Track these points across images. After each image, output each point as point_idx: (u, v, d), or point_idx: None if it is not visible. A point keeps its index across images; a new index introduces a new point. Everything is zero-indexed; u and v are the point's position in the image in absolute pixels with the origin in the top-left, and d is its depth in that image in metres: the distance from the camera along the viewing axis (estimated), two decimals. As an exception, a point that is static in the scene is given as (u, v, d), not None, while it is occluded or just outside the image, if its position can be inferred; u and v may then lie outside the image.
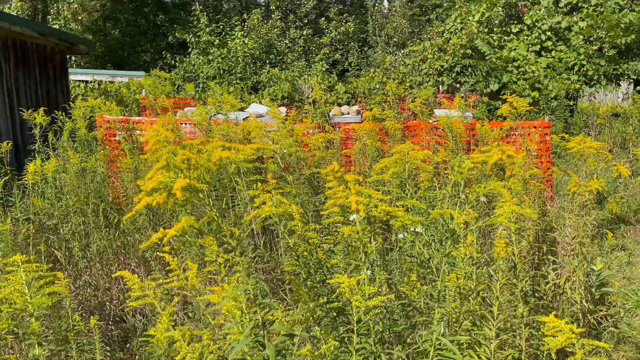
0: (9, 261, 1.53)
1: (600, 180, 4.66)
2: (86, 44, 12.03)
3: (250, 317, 1.31)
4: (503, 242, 1.52)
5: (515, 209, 1.61)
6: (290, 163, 2.90)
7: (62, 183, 5.19)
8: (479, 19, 10.63)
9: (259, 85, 16.94)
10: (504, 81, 9.79)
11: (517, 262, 1.66)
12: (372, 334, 1.45)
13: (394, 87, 7.78)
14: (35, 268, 1.53)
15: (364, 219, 1.41)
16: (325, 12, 22.85)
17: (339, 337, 1.51)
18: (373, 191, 1.42)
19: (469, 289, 1.71)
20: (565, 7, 10.74)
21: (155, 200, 1.09)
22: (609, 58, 9.85)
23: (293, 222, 1.58)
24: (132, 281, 1.44)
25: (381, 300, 1.37)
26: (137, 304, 1.43)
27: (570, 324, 1.69)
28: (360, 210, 1.37)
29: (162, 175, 1.12)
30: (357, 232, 1.42)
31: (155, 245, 4.49)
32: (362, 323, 1.41)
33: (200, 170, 1.15)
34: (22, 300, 1.49)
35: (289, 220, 1.60)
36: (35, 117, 5.77)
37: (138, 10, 22.85)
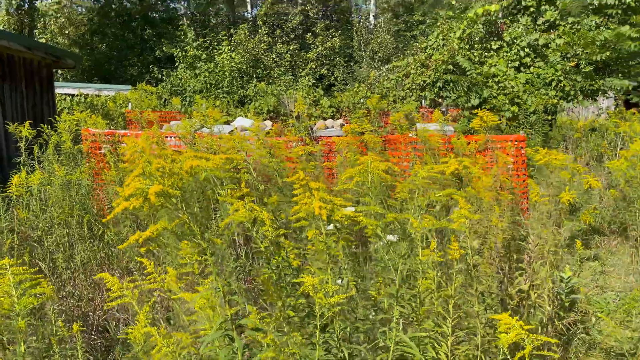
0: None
1: (572, 192, 4.84)
2: (73, 57, 12.11)
3: (220, 313, 1.42)
4: (456, 245, 1.65)
5: (468, 215, 1.74)
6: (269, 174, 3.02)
7: (47, 195, 5.25)
8: (460, 35, 10.91)
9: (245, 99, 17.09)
10: (485, 96, 10.03)
11: (471, 264, 1.80)
12: (336, 330, 1.57)
13: (375, 102, 7.97)
14: (22, 271, 1.63)
15: (327, 223, 1.53)
16: (311, 27, 23.18)
17: (306, 333, 1.63)
18: (336, 198, 1.55)
19: (429, 290, 1.84)
20: (543, 25, 11.07)
21: (132, 205, 1.21)
22: (585, 74, 10.17)
23: (264, 227, 1.70)
24: (111, 282, 1.54)
25: (343, 297, 1.50)
26: (115, 303, 1.53)
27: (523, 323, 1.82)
28: (323, 215, 1.50)
29: (139, 182, 1.24)
30: (321, 234, 1.55)
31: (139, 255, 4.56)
32: (325, 319, 1.53)
33: (174, 178, 1.27)
34: (10, 302, 1.59)
35: (262, 226, 1.72)
36: (21, 130, 5.84)
37: (126, 25, 22.97)
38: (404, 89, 11.41)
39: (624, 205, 5.99)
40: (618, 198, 6.21)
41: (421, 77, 11.10)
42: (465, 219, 1.74)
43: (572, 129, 10.12)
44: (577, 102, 10.11)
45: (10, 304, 1.59)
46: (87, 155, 6.39)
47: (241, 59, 18.89)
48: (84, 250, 4.56)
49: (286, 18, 22.83)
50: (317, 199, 1.51)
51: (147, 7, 24.08)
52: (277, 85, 17.47)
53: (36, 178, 4.91)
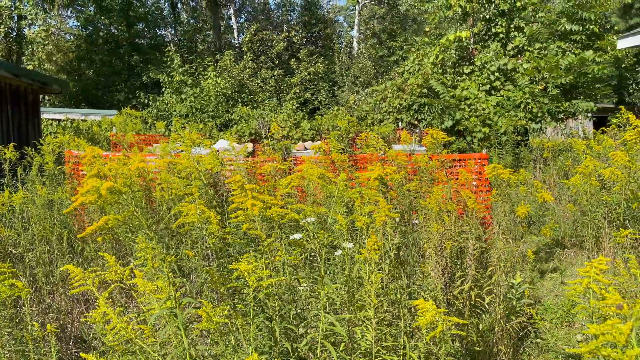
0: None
1: (527, 206, 5.17)
2: (59, 83, 12.39)
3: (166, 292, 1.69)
4: (375, 238, 1.94)
5: (389, 214, 2.03)
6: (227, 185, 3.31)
7: (29, 214, 5.46)
8: (433, 60, 11.40)
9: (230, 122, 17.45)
10: (457, 118, 10.46)
11: (393, 258, 2.08)
12: (269, 310, 1.84)
13: (345, 123, 8.33)
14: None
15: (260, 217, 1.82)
16: (295, 53, 23.76)
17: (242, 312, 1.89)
18: (267, 197, 1.83)
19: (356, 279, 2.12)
20: (512, 50, 11.61)
21: (87, 199, 1.48)
22: (552, 97, 10.65)
23: (211, 226, 1.97)
24: (74, 272, 1.80)
25: (273, 281, 1.77)
26: (77, 291, 1.78)
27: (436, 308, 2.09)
28: (255, 210, 1.78)
29: (95, 181, 1.52)
30: (256, 228, 1.83)
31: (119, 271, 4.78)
32: (258, 300, 1.79)
33: (123, 178, 1.55)
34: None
35: (209, 225, 2.00)
36: (5, 153, 6.07)
37: (113, 51, 23.39)
38: (382, 112, 11.83)
39: (583, 219, 6.32)
40: (577, 212, 6.55)
41: (398, 100, 11.54)
42: (386, 217, 2.03)
43: (541, 149, 10.53)
44: (545, 123, 10.56)
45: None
46: (70, 176, 6.61)
47: (226, 84, 19.33)
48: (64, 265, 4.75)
49: (271, 44, 23.39)
50: (249, 198, 1.80)
51: (135, 34, 24.56)
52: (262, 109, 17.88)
53: (19, 197, 5.12)
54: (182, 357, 1.64)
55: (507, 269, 4.47)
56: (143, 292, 1.75)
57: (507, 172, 4.27)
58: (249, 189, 1.81)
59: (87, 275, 1.79)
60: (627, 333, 0.98)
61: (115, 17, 23.58)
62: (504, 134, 10.19)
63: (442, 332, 2.02)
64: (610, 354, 0.99)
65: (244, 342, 1.77)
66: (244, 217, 1.86)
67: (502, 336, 3.95)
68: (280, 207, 1.89)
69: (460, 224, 4.19)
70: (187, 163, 2.05)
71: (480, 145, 10.22)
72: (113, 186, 1.45)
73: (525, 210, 5.30)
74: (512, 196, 6.49)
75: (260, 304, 1.85)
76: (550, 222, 6.64)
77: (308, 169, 2.10)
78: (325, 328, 1.92)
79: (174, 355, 1.64)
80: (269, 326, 1.88)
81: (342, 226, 1.99)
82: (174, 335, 1.72)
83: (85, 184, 1.50)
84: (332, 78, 22.05)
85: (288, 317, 1.98)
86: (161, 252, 1.63)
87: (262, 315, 1.86)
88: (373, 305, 2.01)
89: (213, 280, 1.89)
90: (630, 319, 1.03)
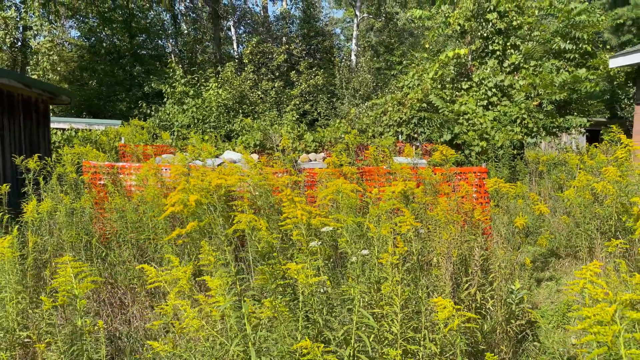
0: (59, 260, 2.20)
1: (525, 217, 5.54)
2: (68, 94, 12.69)
3: (231, 289, 2.02)
4: (401, 244, 2.27)
5: (412, 223, 2.37)
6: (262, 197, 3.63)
7: (54, 221, 5.76)
8: (432, 76, 11.81)
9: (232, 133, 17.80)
10: (456, 132, 10.85)
11: (415, 260, 2.41)
12: (314, 304, 2.17)
13: (352, 137, 8.69)
14: (78, 265, 2.19)
15: (305, 226, 2.15)
16: (295, 65, 24.20)
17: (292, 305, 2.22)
18: (312, 208, 2.17)
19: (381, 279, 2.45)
20: (509, 67, 12.04)
21: (176, 209, 1.81)
22: (546, 112, 11.07)
23: (260, 232, 2.31)
24: (149, 271, 2.12)
25: (317, 280, 2.10)
26: (152, 285, 2.10)
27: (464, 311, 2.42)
28: (303, 219, 2.11)
29: (180, 194, 1.85)
30: (302, 234, 2.16)
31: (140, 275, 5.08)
32: (307, 295, 2.12)
33: (203, 192, 1.89)
34: (70, 287, 2.14)
35: (259, 231, 2.33)
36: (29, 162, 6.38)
37: (115, 62, 23.73)
38: (382, 125, 12.21)
39: (577, 230, 6.68)
40: (571, 224, 6.91)
41: (398, 114, 11.92)
42: (410, 225, 2.37)
43: (537, 163, 10.93)
44: (540, 137, 10.97)
45: (71, 287, 2.14)
46: (88, 186, 6.91)
47: (228, 95, 19.70)
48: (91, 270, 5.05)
49: (271, 57, 23.81)
50: (299, 208, 2.13)
51: (136, 44, 24.93)
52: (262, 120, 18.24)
53: (46, 206, 5.42)
54: (245, 342, 1.96)
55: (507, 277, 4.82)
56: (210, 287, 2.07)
57: (507, 186, 4.62)
58: (298, 201, 2.14)
59: (159, 273, 2.11)
60: (612, 313, 1.31)
61: (118, 28, 23.95)
62: (500, 147, 10.58)
63: (458, 326, 2.35)
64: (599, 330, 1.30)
65: (294, 331, 2.09)
66: (292, 225, 2.19)
67: (502, 337, 4.28)
68: (323, 216, 2.22)
69: (464, 233, 4.54)
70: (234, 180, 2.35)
71: (477, 159, 10.60)
72: (198, 198, 1.79)
73: (524, 222, 5.67)
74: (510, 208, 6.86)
75: (305, 299, 2.17)
76: (546, 233, 6.99)
77: (342, 184, 2.43)
78: (358, 320, 2.25)
79: (239, 339, 1.96)
80: (311, 318, 2.20)
81: (373, 233, 2.33)
82: (237, 324, 2.05)
83: (172, 196, 1.83)
84: (332, 90, 22.47)
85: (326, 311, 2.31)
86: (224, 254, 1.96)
87: (306, 309, 2.18)
88: (399, 301, 2.33)
89: (264, 279, 2.21)
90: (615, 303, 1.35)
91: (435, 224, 4.28)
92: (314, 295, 2.16)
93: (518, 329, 4.52)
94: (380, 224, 2.39)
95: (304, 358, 1.87)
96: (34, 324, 3.44)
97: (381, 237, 2.45)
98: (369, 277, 2.52)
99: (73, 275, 2.16)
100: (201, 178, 1.88)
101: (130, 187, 6.46)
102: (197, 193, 1.83)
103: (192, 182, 1.81)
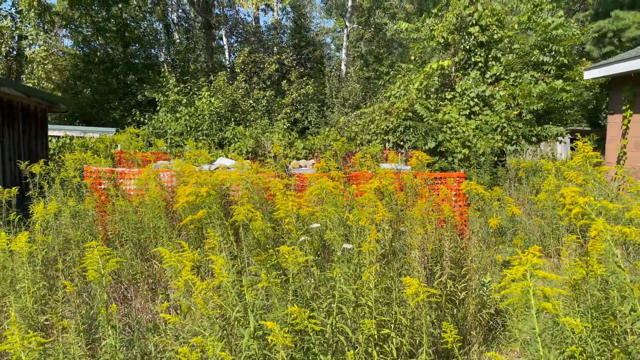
0: (87, 245, 2.63)
1: (499, 218, 6.02)
2: (65, 103, 13.06)
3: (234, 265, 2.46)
4: (375, 231, 2.72)
5: (385, 214, 2.82)
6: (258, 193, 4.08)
7: (59, 222, 6.15)
8: (418, 86, 12.34)
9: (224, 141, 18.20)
10: (440, 140, 11.36)
11: (387, 246, 2.86)
12: (302, 281, 2.61)
13: (340, 144, 9.16)
14: (102, 249, 2.61)
15: (295, 215, 2.59)
16: (286, 75, 24.72)
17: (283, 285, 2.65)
18: (302, 201, 2.62)
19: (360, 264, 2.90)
20: (490, 78, 12.61)
21: (190, 199, 2.25)
22: (526, 121, 11.63)
23: (256, 222, 2.75)
24: (166, 254, 2.55)
25: (304, 260, 2.54)
26: (167, 265, 2.52)
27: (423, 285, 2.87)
28: (294, 209, 2.56)
29: (190, 187, 2.30)
30: (292, 222, 2.61)
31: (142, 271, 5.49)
32: (295, 273, 2.56)
33: (210, 185, 2.33)
34: (97, 267, 2.56)
35: (254, 221, 2.77)
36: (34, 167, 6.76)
37: (108, 70, 24.09)
38: (370, 133, 12.70)
39: (548, 230, 7.17)
40: (543, 225, 7.40)
41: (385, 122, 12.43)
42: (383, 216, 2.82)
43: (517, 169, 11.45)
44: (519, 145, 11.51)
45: (98, 267, 2.56)
46: (90, 190, 7.30)
47: (220, 103, 20.13)
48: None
49: (263, 66, 24.30)
50: (290, 200, 2.58)
51: (130, 53, 25.31)
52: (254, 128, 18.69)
53: (53, 208, 5.81)
54: (245, 308, 2.40)
55: (480, 272, 5.30)
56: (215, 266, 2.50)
57: (480, 188, 5.10)
58: (289, 194, 2.59)
59: (172, 255, 2.54)
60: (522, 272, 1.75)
61: (111, 38, 24.34)
62: (482, 154, 11.10)
63: (423, 300, 2.80)
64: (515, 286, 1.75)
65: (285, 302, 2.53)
66: (284, 214, 2.63)
67: (473, 324, 4.73)
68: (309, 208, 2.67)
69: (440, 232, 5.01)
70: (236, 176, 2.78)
71: (460, 165, 11.11)
72: (208, 190, 2.23)
73: (497, 222, 6.16)
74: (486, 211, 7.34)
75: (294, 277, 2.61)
76: (521, 234, 7.47)
77: (325, 182, 2.88)
78: (340, 296, 2.70)
79: (240, 307, 2.39)
80: (300, 293, 2.65)
81: (352, 222, 2.78)
82: (237, 295, 2.48)
83: (185, 189, 2.27)
84: (322, 99, 22.98)
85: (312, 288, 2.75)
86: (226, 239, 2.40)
87: (295, 285, 2.63)
88: (373, 279, 2.79)
89: (259, 260, 2.65)
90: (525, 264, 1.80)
91: (413, 222, 4.74)
92: (301, 274, 2.60)
93: (488, 317, 4.98)
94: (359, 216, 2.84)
95: (293, 321, 2.31)
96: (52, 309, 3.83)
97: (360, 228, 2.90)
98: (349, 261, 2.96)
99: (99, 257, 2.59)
100: (209, 174, 2.32)
101: (130, 191, 6.85)
102: (206, 186, 2.27)
103: (202, 177, 2.25)
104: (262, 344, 2.38)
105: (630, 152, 10.09)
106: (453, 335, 2.50)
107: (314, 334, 2.35)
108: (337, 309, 2.69)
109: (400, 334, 2.99)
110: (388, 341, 2.90)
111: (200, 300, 2.38)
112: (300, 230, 2.76)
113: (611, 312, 2.98)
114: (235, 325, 2.48)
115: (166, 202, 6.20)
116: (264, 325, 2.39)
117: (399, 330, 2.99)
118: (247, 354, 2.36)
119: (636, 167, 9.90)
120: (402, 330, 2.98)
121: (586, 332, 2.66)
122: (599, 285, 2.87)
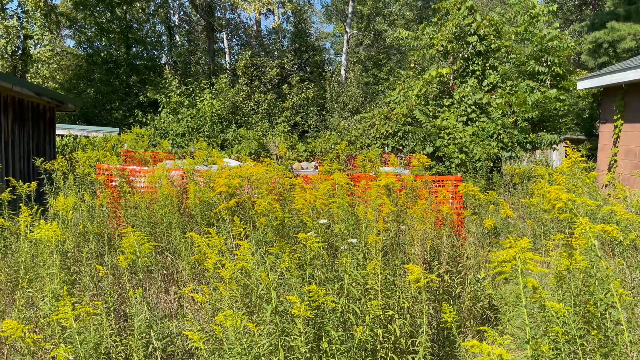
0: (124, 231, 2.96)
1: (493, 219, 6.37)
2: (73, 102, 13.36)
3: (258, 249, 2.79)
4: (381, 221, 3.05)
5: (391, 208, 3.16)
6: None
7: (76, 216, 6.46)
8: (417, 93, 12.72)
9: (225, 142, 18.54)
10: (437, 145, 11.73)
11: (392, 237, 3.19)
12: (316, 265, 2.95)
13: (343, 147, 9.52)
14: (138, 235, 2.94)
15: (312, 206, 2.93)
16: (287, 79, 25.09)
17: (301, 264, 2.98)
18: (318, 194, 2.96)
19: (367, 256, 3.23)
20: (487, 86, 13.00)
21: (224, 189, 2.58)
22: (521, 129, 12.02)
23: (276, 212, 3.08)
24: (195, 237, 2.88)
25: (320, 244, 2.88)
26: (198, 248, 2.85)
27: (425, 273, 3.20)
28: (311, 200, 2.90)
29: (224, 179, 2.63)
30: (309, 213, 2.94)
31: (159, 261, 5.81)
32: (311, 257, 2.90)
33: (239, 179, 2.66)
34: (133, 249, 2.88)
35: (274, 212, 3.10)
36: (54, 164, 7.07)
37: (111, 71, 24.41)
38: (370, 137, 13.06)
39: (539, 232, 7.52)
40: (535, 226, 7.76)
41: (384, 127, 12.79)
42: (389, 209, 3.16)
43: (512, 175, 11.83)
44: (515, 152, 11.89)
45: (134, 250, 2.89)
46: (102, 186, 7.61)
47: (221, 106, 20.47)
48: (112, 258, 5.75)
49: (264, 70, 24.67)
50: (308, 193, 2.91)
51: (132, 55, 25.64)
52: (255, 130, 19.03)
53: (71, 201, 6.12)
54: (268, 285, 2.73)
55: (475, 269, 5.65)
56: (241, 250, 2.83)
57: (476, 189, 5.45)
58: (307, 188, 2.93)
59: (202, 239, 2.88)
60: (513, 254, 2.09)
61: (115, 39, 24.66)
62: (478, 160, 11.47)
63: (424, 285, 3.14)
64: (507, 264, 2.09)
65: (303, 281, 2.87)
66: (301, 205, 2.97)
67: (468, 316, 5.07)
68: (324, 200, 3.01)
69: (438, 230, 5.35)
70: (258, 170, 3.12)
71: (457, 170, 11.48)
72: (239, 182, 2.56)
73: (491, 223, 6.51)
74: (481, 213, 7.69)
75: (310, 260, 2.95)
76: (514, 235, 7.83)
77: (338, 178, 3.22)
78: (350, 279, 3.03)
79: (264, 285, 2.72)
80: (315, 275, 2.98)
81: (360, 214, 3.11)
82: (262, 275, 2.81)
83: (218, 182, 2.60)
84: (322, 103, 23.35)
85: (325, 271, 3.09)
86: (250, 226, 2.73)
87: (311, 269, 2.96)
88: (380, 265, 3.12)
89: (280, 245, 2.98)
90: (515, 247, 2.13)
91: (414, 220, 5.08)
92: (316, 258, 2.94)
93: (482, 310, 5.32)
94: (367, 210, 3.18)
95: (311, 298, 2.64)
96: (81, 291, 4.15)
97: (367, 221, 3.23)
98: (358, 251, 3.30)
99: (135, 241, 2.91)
100: (239, 167, 2.65)
101: (141, 188, 7.17)
102: (237, 178, 2.60)
103: (234, 171, 2.58)
104: (282, 319, 2.71)
105: (621, 160, 10.47)
106: (452, 315, 2.83)
107: (328, 311, 2.68)
108: (347, 290, 3.01)
109: (403, 316, 3.33)
110: (392, 322, 3.23)
111: (228, 276, 2.70)
112: (315, 221, 3.09)
113: (593, 300, 3.32)
114: (257, 303, 2.81)
115: (177, 199, 6.54)
116: (284, 302, 2.72)
117: (402, 314, 3.32)
118: (270, 327, 2.69)
119: (626, 174, 10.28)
120: (404, 313, 3.32)
121: (568, 315, 2.99)
122: (580, 275, 3.22)
